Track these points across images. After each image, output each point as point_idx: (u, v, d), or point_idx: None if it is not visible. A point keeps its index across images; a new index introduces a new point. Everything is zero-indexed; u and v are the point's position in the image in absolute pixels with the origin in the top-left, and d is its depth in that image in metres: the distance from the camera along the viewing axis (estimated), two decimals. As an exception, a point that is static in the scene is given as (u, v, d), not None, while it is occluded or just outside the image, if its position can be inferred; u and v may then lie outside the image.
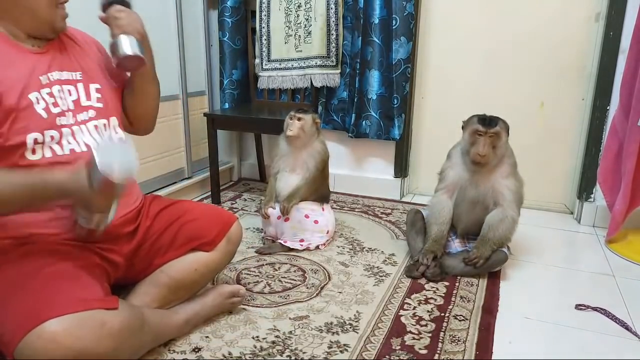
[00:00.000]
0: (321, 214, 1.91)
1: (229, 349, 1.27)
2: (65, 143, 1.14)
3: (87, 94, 1.22)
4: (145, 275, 1.32)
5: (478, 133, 1.64)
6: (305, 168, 1.89)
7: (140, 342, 1.13)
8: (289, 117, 1.88)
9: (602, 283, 1.71)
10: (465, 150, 1.69)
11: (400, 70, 2.31)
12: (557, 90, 2.28)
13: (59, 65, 1.18)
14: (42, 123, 1.10)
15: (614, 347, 1.35)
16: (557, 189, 2.40)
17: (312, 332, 1.36)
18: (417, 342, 1.33)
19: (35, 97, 1.10)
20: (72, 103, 1.18)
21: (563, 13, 2.20)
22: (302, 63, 2.44)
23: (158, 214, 1.35)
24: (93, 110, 1.22)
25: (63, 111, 1.15)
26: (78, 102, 1.19)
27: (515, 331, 1.40)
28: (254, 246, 1.92)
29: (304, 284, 1.63)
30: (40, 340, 0.92)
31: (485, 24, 2.33)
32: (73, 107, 1.18)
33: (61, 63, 1.19)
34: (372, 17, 2.29)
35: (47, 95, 1.12)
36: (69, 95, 1.18)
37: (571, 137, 2.32)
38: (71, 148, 1.14)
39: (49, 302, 0.97)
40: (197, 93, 2.52)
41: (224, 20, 2.47)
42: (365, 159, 2.61)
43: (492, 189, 1.68)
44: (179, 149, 2.40)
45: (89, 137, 1.19)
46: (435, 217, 1.76)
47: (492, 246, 1.66)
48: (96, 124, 1.22)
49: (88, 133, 1.19)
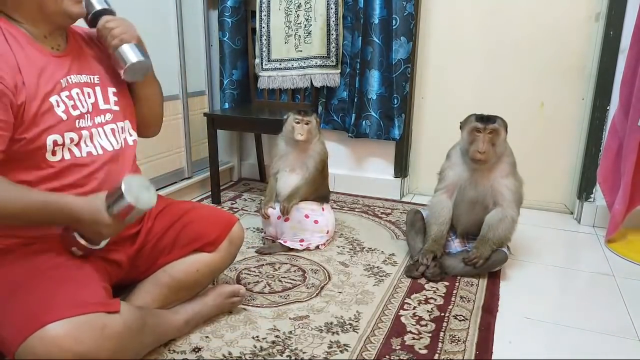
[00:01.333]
0: (321, 214, 1.91)
1: (229, 349, 1.28)
2: (84, 146, 1.15)
3: (104, 97, 1.23)
4: (147, 275, 1.33)
5: (477, 130, 1.64)
6: (305, 168, 1.89)
7: (140, 344, 1.13)
8: (294, 120, 1.85)
9: (602, 283, 1.71)
10: (465, 149, 1.69)
11: (400, 70, 2.31)
12: (557, 90, 2.28)
13: (77, 68, 1.18)
14: (62, 125, 1.10)
15: (614, 347, 1.35)
16: (557, 189, 2.40)
17: (312, 332, 1.36)
18: (417, 342, 1.33)
19: (55, 100, 1.10)
20: (90, 106, 1.18)
21: (563, 13, 2.20)
22: (302, 63, 2.44)
23: (158, 214, 1.35)
24: (110, 113, 1.23)
25: (82, 114, 1.15)
26: (96, 104, 1.20)
27: (515, 331, 1.40)
28: (254, 246, 1.92)
29: (304, 284, 1.64)
30: (42, 344, 0.93)
31: (486, 24, 2.33)
32: (92, 109, 1.18)
33: (80, 66, 1.19)
34: (372, 17, 2.29)
35: (67, 98, 1.13)
36: (88, 98, 1.18)
37: (571, 137, 2.32)
38: (88, 151, 1.16)
39: (51, 304, 0.98)
40: (197, 93, 2.52)
41: (224, 20, 2.47)
42: (365, 159, 2.61)
43: (491, 188, 1.68)
44: (179, 149, 2.40)
45: (106, 140, 1.20)
46: (435, 217, 1.76)
47: (492, 246, 1.66)
48: (113, 127, 1.23)
49: (105, 136, 1.20)
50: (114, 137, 1.22)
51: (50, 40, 1.14)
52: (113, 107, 1.24)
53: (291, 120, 1.86)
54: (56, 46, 1.15)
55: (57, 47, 1.15)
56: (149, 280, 1.32)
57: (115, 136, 1.23)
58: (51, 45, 1.14)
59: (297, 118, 1.85)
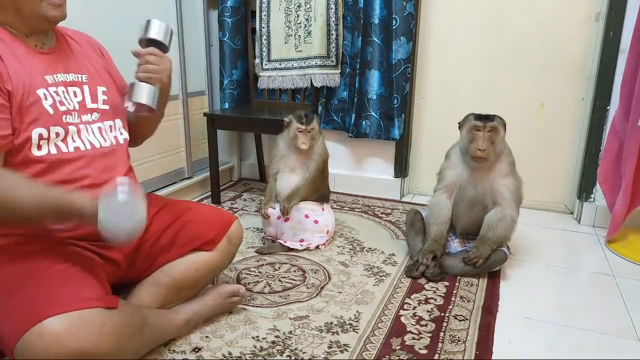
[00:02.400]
0: (321, 214, 1.91)
1: (229, 349, 1.27)
2: (70, 141, 1.14)
3: (92, 96, 1.22)
4: (146, 275, 1.32)
5: (476, 129, 1.64)
6: (305, 168, 1.89)
7: (140, 342, 1.13)
8: (297, 129, 1.82)
9: (602, 283, 1.71)
10: (465, 149, 1.69)
11: (400, 70, 2.31)
12: (557, 90, 2.28)
13: (64, 67, 1.18)
14: (48, 119, 1.10)
15: (614, 347, 1.35)
16: (557, 189, 2.40)
17: (312, 332, 1.36)
18: (417, 342, 1.33)
19: (42, 93, 1.10)
20: (77, 104, 1.18)
21: (563, 13, 2.20)
22: (302, 63, 2.44)
23: (156, 214, 1.35)
24: (97, 112, 1.23)
25: (69, 110, 1.15)
26: (83, 103, 1.20)
27: (515, 331, 1.40)
28: (254, 246, 1.92)
29: (304, 284, 1.63)
30: (40, 340, 0.92)
31: (486, 24, 2.33)
32: (78, 107, 1.18)
33: (66, 65, 1.19)
34: (372, 17, 2.29)
35: (54, 94, 1.13)
36: (74, 97, 1.18)
37: (571, 137, 2.32)
38: (76, 146, 1.15)
39: (49, 300, 0.97)
40: (197, 93, 2.52)
41: (224, 20, 2.47)
42: (365, 159, 2.61)
43: (491, 188, 1.68)
44: (179, 149, 2.40)
45: (94, 137, 1.20)
46: (434, 217, 1.76)
47: (492, 246, 1.66)
48: (100, 126, 1.23)
49: (92, 134, 1.20)
50: (101, 135, 1.22)
51: (33, 39, 1.14)
52: (101, 106, 1.24)
53: (294, 128, 1.84)
54: (40, 44, 1.15)
55: (41, 45, 1.15)
56: (148, 280, 1.31)
57: (103, 135, 1.23)
58: (35, 43, 1.14)
59: (300, 128, 1.82)
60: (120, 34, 1.52)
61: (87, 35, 1.33)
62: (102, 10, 1.88)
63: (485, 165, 1.66)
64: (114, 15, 1.91)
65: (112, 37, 1.49)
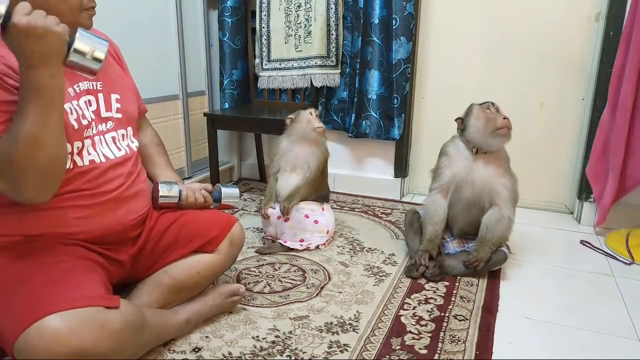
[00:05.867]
0: (321, 213, 1.91)
1: (229, 349, 1.27)
2: (86, 154, 1.15)
3: (107, 104, 1.22)
4: (148, 275, 1.32)
5: (488, 108, 1.66)
6: (306, 167, 1.89)
7: (140, 342, 1.13)
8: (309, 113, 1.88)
9: (602, 283, 1.71)
10: (482, 131, 1.65)
11: (400, 70, 2.31)
12: (557, 90, 2.28)
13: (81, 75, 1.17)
14: (73, 134, 1.10)
15: (614, 347, 1.35)
16: (557, 189, 2.40)
17: (312, 332, 1.36)
18: (417, 342, 1.33)
19: (69, 107, 1.09)
20: (92, 114, 1.18)
21: (563, 13, 2.20)
22: (302, 63, 2.44)
23: (160, 215, 1.36)
24: (112, 121, 1.23)
25: (89, 122, 1.15)
26: (98, 112, 1.20)
27: (515, 331, 1.40)
28: (254, 246, 1.92)
29: (304, 284, 1.63)
30: (40, 337, 0.92)
31: (485, 24, 2.33)
32: (94, 117, 1.18)
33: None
34: (372, 17, 2.29)
35: (77, 107, 1.12)
36: (89, 106, 1.17)
37: (571, 137, 2.32)
38: (91, 159, 1.16)
39: (50, 297, 0.97)
40: (197, 93, 2.52)
41: (224, 20, 2.47)
42: (365, 159, 2.61)
43: (489, 187, 1.67)
44: (179, 148, 2.40)
45: (107, 148, 1.20)
46: (429, 217, 1.75)
47: (491, 247, 1.66)
48: (114, 135, 1.23)
49: (106, 144, 1.20)
50: (115, 145, 1.22)
51: None
52: (115, 114, 1.24)
53: (305, 117, 1.87)
54: None
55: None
56: (149, 280, 1.32)
57: (117, 144, 1.23)
58: None
59: (312, 112, 1.88)
60: (120, 33, 1.52)
61: (107, 37, 1.31)
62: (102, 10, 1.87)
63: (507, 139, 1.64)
64: (114, 15, 1.90)
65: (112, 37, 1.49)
